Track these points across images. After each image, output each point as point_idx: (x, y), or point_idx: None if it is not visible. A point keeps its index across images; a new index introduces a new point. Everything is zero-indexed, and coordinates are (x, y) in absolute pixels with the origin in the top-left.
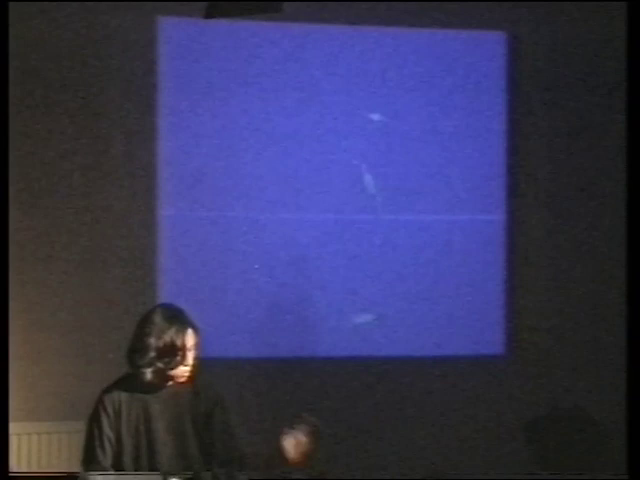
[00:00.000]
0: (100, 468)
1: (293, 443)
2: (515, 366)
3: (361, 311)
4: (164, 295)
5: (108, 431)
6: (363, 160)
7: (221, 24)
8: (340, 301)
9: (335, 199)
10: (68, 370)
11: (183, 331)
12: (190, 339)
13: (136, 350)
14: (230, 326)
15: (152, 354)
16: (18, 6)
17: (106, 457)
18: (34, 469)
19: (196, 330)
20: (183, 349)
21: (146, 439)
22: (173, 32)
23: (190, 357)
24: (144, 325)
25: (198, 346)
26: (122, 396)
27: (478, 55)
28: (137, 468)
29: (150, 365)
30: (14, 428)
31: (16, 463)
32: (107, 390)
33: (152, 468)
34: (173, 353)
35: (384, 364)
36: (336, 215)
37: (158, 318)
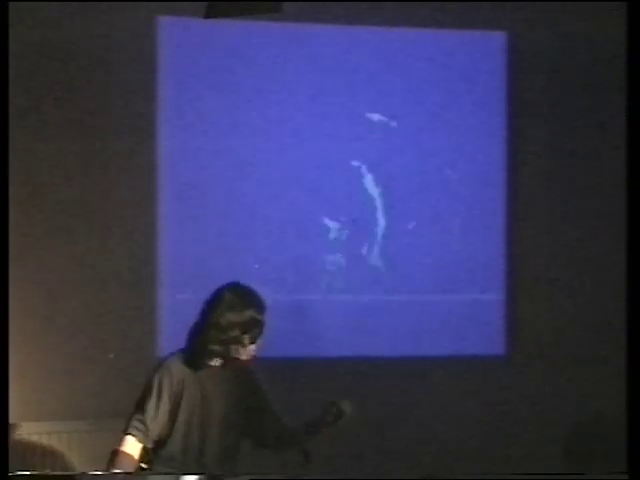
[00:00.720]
0: (142, 431)
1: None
2: (515, 366)
3: (361, 310)
4: (164, 295)
5: (167, 402)
6: (363, 160)
7: (221, 24)
8: (340, 300)
9: (335, 199)
10: (68, 370)
11: (261, 308)
12: (262, 317)
13: (218, 326)
14: None
15: (236, 329)
16: (18, 6)
17: (155, 424)
18: (34, 469)
19: (264, 308)
20: (262, 325)
21: (200, 420)
22: (173, 32)
23: (260, 336)
24: (220, 302)
25: (265, 326)
26: (187, 373)
27: (478, 55)
28: (184, 449)
29: (235, 340)
30: (14, 428)
31: (16, 463)
32: (174, 362)
33: (201, 451)
34: (255, 329)
35: (384, 364)
36: (336, 215)
37: (234, 296)
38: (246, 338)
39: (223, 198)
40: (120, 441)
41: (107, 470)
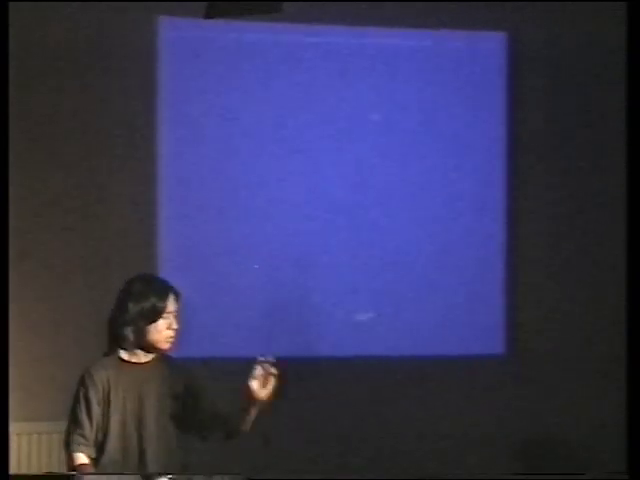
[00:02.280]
0: (84, 444)
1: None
2: (515, 366)
3: (361, 310)
4: None
5: (96, 408)
6: (363, 160)
7: (221, 24)
8: (340, 300)
9: (335, 198)
10: (68, 370)
11: (164, 295)
12: (172, 304)
13: (117, 315)
14: (230, 326)
15: (133, 315)
16: (18, 6)
17: (92, 432)
18: (34, 469)
19: (177, 296)
20: (165, 311)
21: (135, 419)
22: (173, 32)
23: (174, 322)
24: (124, 291)
25: (179, 313)
26: (110, 374)
27: (478, 55)
28: (124, 452)
29: (131, 324)
30: (14, 428)
31: (16, 463)
32: (94, 367)
33: (140, 451)
34: (155, 315)
35: (384, 364)
36: (336, 214)
37: (138, 284)
38: (143, 324)
39: (223, 198)
40: (70, 460)
41: None
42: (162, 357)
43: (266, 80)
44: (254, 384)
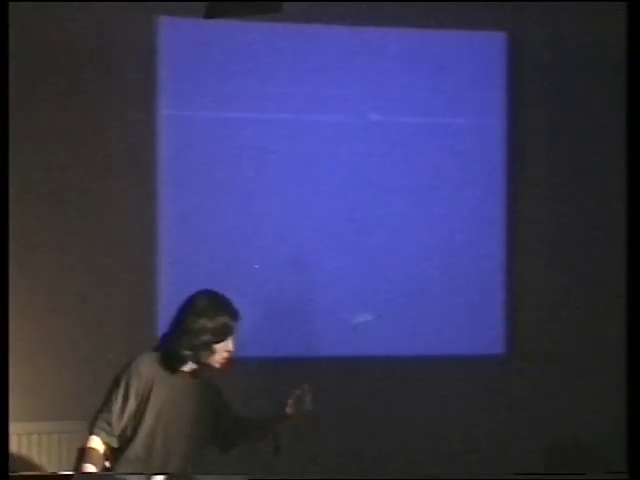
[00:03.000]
0: (107, 430)
1: (307, 393)
2: (515, 366)
3: (361, 310)
4: (164, 297)
5: (133, 401)
6: (363, 159)
7: (221, 24)
8: (340, 300)
9: (335, 198)
10: (68, 370)
11: (234, 315)
12: (237, 324)
13: (190, 331)
14: None
15: (207, 334)
16: (18, 6)
17: (120, 423)
18: (34, 469)
19: (238, 316)
20: (233, 332)
21: (166, 422)
22: (173, 32)
23: (231, 343)
24: (194, 308)
25: (237, 335)
26: (156, 374)
27: (478, 55)
28: (149, 451)
29: (205, 345)
30: (14, 428)
31: (16, 463)
32: (143, 361)
33: (165, 455)
34: (225, 334)
35: (384, 364)
36: (336, 214)
37: (209, 301)
38: (216, 344)
39: (223, 198)
40: (86, 440)
41: (75, 469)
42: (207, 374)
43: (266, 80)
44: (292, 403)
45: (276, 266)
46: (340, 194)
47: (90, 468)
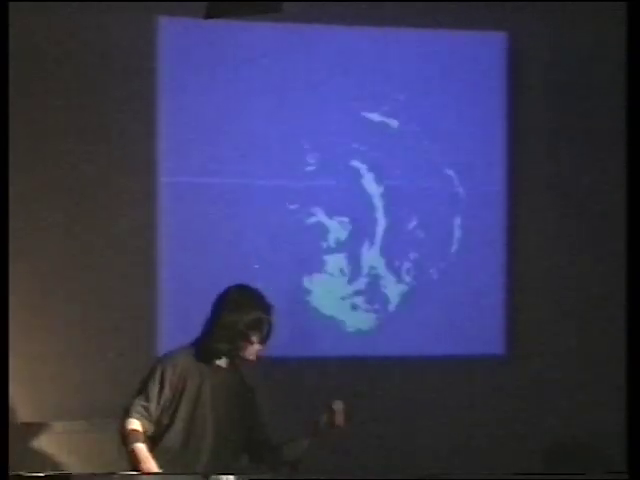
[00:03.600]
0: (145, 415)
1: (341, 409)
2: (515, 367)
3: (362, 311)
4: (164, 296)
5: (168, 389)
6: (363, 160)
7: (221, 24)
8: (340, 300)
9: (335, 199)
10: (67, 370)
11: (267, 309)
12: (268, 318)
13: (224, 325)
14: None
15: (241, 328)
16: (18, 6)
17: (157, 409)
18: (34, 469)
19: (271, 310)
20: (268, 326)
21: (201, 415)
22: (173, 32)
23: (266, 336)
24: (228, 302)
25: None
26: (191, 366)
27: (478, 55)
28: (185, 442)
29: (241, 339)
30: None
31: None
32: (179, 353)
33: (200, 446)
34: (260, 329)
35: (384, 364)
36: (336, 215)
37: (243, 296)
38: (253, 337)
39: (223, 197)
40: (123, 424)
41: (124, 446)
42: (239, 366)
43: (266, 80)
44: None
45: (276, 266)
46: (339, 195)
47: (142, 447)
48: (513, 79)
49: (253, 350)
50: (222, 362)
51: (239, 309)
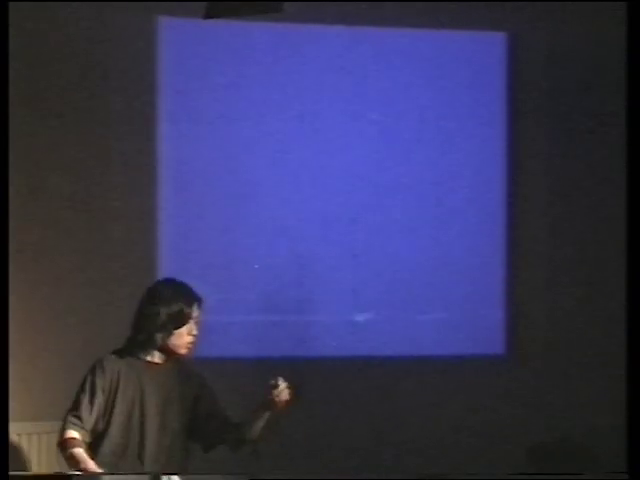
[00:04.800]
0: (79, 425)
1: (284, 388)
2: (515, 367)
3: (361, 311)
4: None
5: (100, 395)
6: (362, 160)
7: (221, 24)
8: (340, 300)
9: (334, 198)
10: (68, 370)
11: (190, 301)
12: (195, 310)
13: (146, 316)
14: (229, 326)
15: (163, 319)
16: (18, 6)
17: (90, 417)
18: (34, 469)
19: (200, 302)
20: (190, 317)
21: (139, 414)
22: (173, 32)
23: (195, 328)
24: (153, 294)
25: (200, 319)
26: (122, 367)
27: (478, 55)
28: (124, 444)
29: (161, 329)
30: (14, 428)
31: (16, 463)
32: (107, 357)
33: (140, 447)
34: (182, 320)
35: (384, 364)
36: (336, 214)
37: (166, 288)
38: (176, 329)
39: (223, 197)
40: (60, 436)
41: (65, 460)
42: (176, 360)
43: (267, 80)
44: (276, 391)
45: (276, 266)
46: (339, 194)
47: (79, 450)
48: (513, 79)
49: (183, 342)
50: (155, 357)
51: (162, 301)
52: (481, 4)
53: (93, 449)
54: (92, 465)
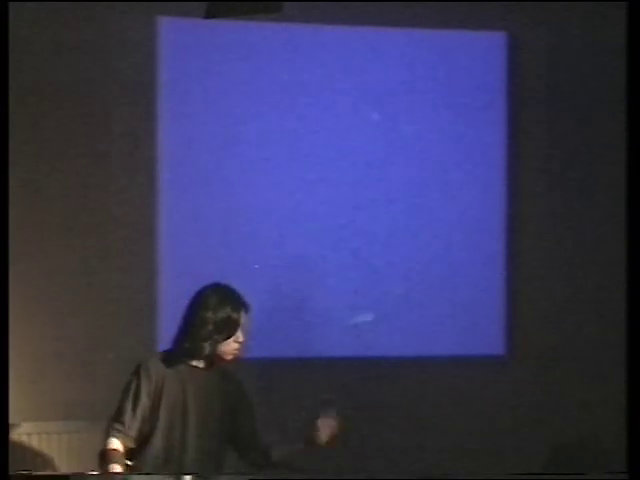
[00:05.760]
0: (122, 432)
1: (327, 424)
2: (515, 367)
3: (361, 311)
4: (164, 296)
5: (145, 400)
6: (362, 160)
7: (221, 24)
8: (340, 300)
9: (334, 199)
10: (67, 370)
11: (237, 308)
12: (243, 317)
13: (194, 324)
14: None
15: (210, 327)
16: (18, 6)
17: (134, 423)
18: (35, 469)
19: (247, 309)
20: (238, 325)
21: (181, 419)
22: (173, 32)
23: (242, 334)
24: (200, 301)
25: (247, 326)
26: (167, 371)
27: (478, 55)
28: (167, 449)
29: (209, 338)
30: (14, 428)
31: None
32: (151, 361)
33: (182, 451)
34: (230, 328)
35: (384, 364)
36: (336, 214)
37: (213, 295)
38: (226, 336)
39: (223, 198)
40: (104, 442)
41: (99, 470)
42: (219, 366)
43: (267, 80)
44: (320, 433)
45: (276, 266)
46: (339, 195)
47: (116, 467)
48: (513, 79)
49: (230, 349)
50: (199, 363)
51: (211, 308)
52: (481, 4)
53: (136, 454)
54: None
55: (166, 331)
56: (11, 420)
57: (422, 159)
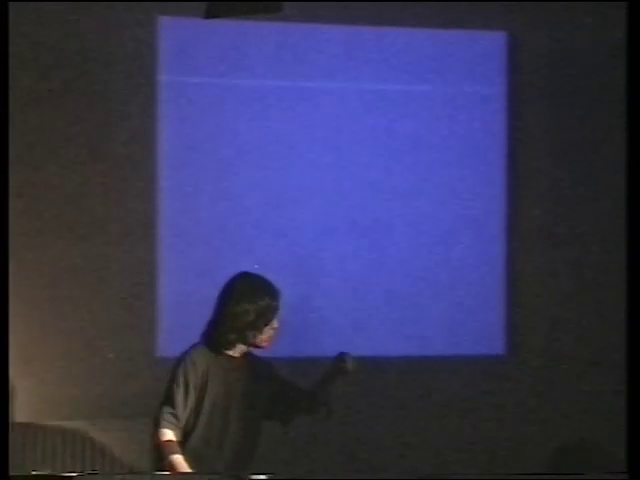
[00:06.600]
0: (174, 423)
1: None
2: (515, 367)
3: (362, 311)
4: (164, 296)
5: (192, 391)
6: (363, 160)
7: (221, 24)
8: (341, 300)
9: (334, 199)
10: (67, 370)
11: (274, 294)
12: (277, 304)
13: (233, 314)
14: None
15: (252, 316)
16: (18, 6)
17: (184, 414)
18: (35, 469)
19: (280, 295)
20: (277, 310)
21: (224, 411)
22: (173, 32)
23: (275, 321)
24: (236, 292)
25: (279, 312)
26: (210, 362)
27: (478, 55)
28: (208, 439)
29: (251, 327)
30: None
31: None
32: (196, 352)
33: (222, 440)
34: (270, 315)
35: (384, 364)
36: (336, 215)
37: (249, 284)
38: (264, 324)
39: (224, 198)
40: (157, 435)
41: (158, 463)
42: (249, 352)
43: (267, 80)
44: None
45: (277, 266)
46: (340, 195)
47: (179, 458)
48: (513, 79)
49: (267, 336)
50: (235, 352)
51: (247, 298)
52: (481, 4)
53: (182, 444)
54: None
55: (166, 331)
56: (11, 420)
57: (422, 159)
